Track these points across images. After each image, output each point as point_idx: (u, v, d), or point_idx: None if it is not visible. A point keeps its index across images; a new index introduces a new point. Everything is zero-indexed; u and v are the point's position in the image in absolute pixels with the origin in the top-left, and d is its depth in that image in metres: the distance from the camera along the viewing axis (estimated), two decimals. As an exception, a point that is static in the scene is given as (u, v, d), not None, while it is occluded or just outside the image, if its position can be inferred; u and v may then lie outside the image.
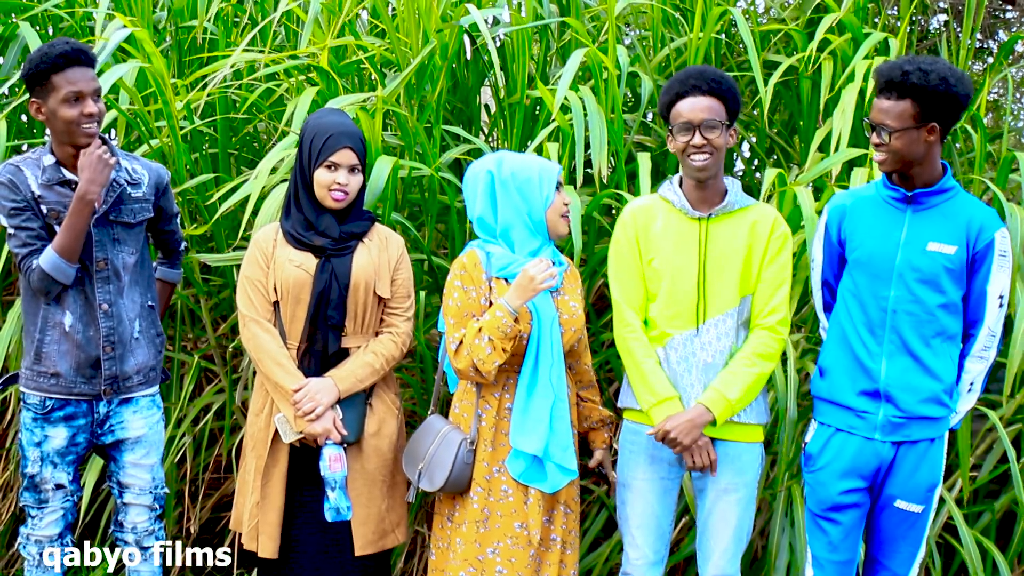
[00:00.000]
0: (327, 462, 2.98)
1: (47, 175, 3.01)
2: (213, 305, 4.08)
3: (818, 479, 2.95)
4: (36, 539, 3.17)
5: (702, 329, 2.92)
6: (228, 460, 4.03)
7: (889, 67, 2.80)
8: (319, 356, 3.09)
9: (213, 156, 4.10)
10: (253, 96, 3.88)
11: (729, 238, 2.93)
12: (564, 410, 2.98)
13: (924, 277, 2.82)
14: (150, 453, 3.21)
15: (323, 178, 3.06)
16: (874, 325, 2.86)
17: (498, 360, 2.90)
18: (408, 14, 3.78)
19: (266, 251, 3.10)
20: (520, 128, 3.88)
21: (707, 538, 3.01)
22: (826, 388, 2.96)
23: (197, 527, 4.08)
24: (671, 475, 3.02)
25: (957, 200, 2.86)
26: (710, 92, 2.88)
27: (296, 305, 3.07)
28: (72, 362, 3.06)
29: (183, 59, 4.33)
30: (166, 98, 3.61)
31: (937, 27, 5.24)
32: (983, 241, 2.82)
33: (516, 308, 2.89)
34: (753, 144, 4.58)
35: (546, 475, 2.96)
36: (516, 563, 2.96)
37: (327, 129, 3.07)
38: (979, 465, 3.90)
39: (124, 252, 3.12)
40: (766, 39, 4.40)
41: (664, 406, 2.90)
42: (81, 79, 2.96)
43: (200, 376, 4.17)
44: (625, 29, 4.92)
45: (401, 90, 3.77)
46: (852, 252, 2.91)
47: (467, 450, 3.00)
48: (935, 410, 2.85)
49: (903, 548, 2.93)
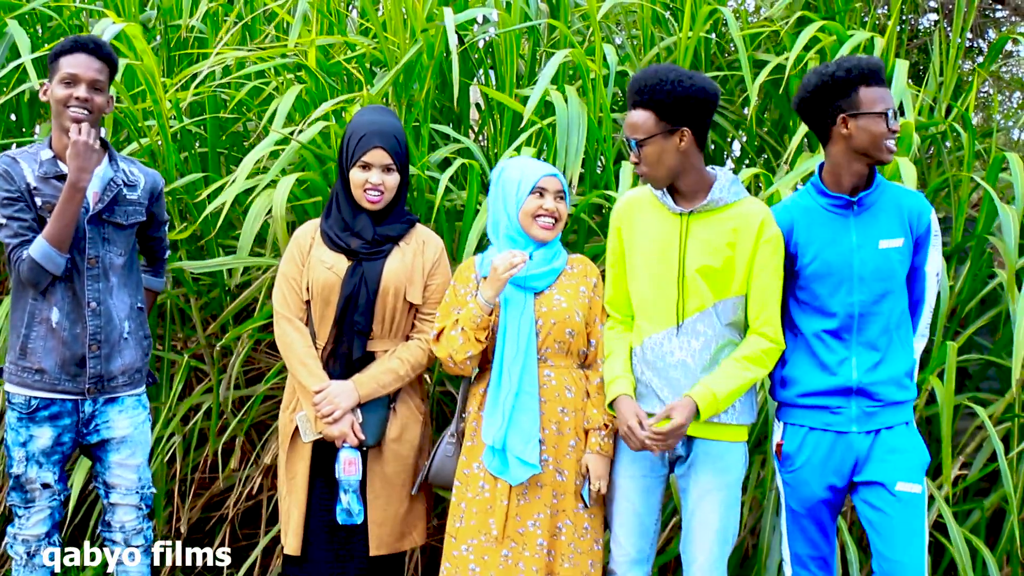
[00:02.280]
0: (342, 465, 3.01)
1: (44, 168, 3.03)
2: (203, 304, 4.07)
3: (798, 478, 2.94)
4: (23, 538, 3.16)
5: (683, 327, 2.90)
6: (217, 459, 4.02)
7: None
8: (344, 359, 3.09)
9: (203, 155, 4.10)
10: (240, 94, 3.88)
11: (711, 235, 2.88)
12: (530, 404, 2.98)
13: (883, 275, 2.84)
14: (136, 453, 3.20)
15: (357, 178, 3.08)
16: (841, 330, 2.86)
17: (471, 350, 2.96)
18: (395, 13, 3.78)
19: (303, 249, 3.13)
20: (509, 128, 3.88)
21: (691, 541, 2.97)
22: (792, 395, 2.94)
23: (187, 527, 4.08)
24: (654, 473, 3.00)
25: (887, 192, 2.89)
26: (636, 105, 2.83)
27: (325, 307, 3.09)
28: (57, 359, 3.05)
29: (172, 58, 4.33)
30: (156, 97, 3.60)
31: (928, 26, 5.25)
32: (923, 226, 2.87)
33: (488, 299, 2.94)
34: (744, 143, 4.59)
35: (508, 467, 2.96)
36: (488, 561, 2.95)
37: (361, 128, 3.09)
38: (969, 463, 3.89)
39: (113, 252, 3.12)
40: (756, 38, 4.40)
41: (611, 385, 2.92)
42: (81, 65, 3.00)
43: (190, 375, 4.17)
44: (615, 28, 4.93)
45: (389, 89, 3.77)
46: (807, 266, 2.89)
47: (447, 442, 3.08)
48: (901, 394, 2.88)
49: (912, 540, 2.87)
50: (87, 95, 3.00)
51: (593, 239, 3.97)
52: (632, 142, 2.83)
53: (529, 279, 3.02)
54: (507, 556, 2.96)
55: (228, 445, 4.06)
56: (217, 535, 4.05)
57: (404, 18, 3.77)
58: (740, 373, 2.87)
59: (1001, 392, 3.80)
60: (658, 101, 2.78)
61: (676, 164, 2.84)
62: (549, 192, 3.04)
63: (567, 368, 3.06)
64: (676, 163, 2.84)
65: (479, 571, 2.96)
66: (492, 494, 2.98)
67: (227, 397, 3.99)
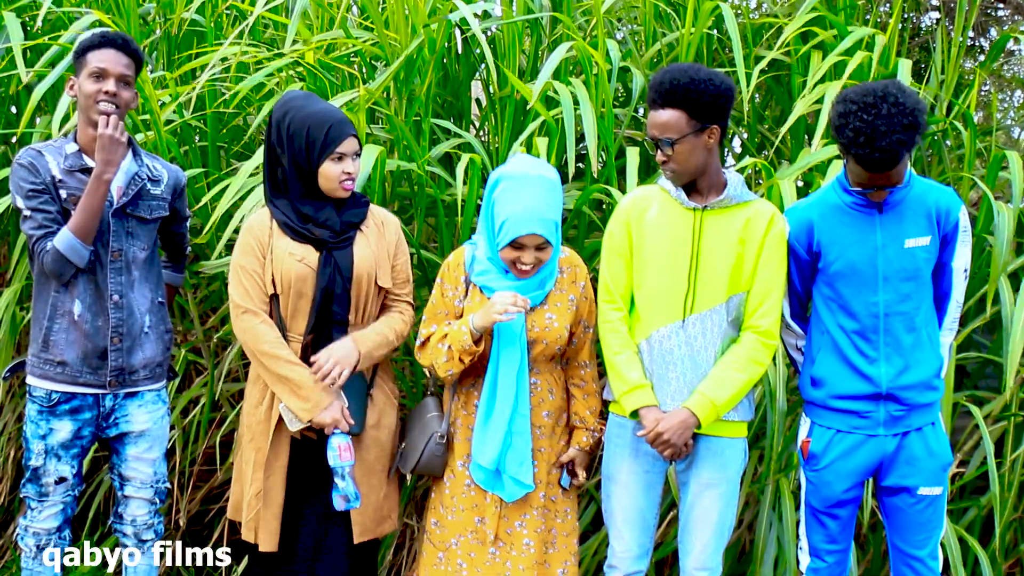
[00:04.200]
0: (336, 452, 2.96)
1: (69, 161, 3.05)
2: (202, 298, 4.07)
3: (822, 478, 2.95)
4: (34, 531, 3.17)
5: (688, 322, 2.91)
6: (215, 453, 4.03)
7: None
8: None
9: (202, 149, 4.10)
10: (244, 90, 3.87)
11: (723, 232, 2.91)
12: (524, 426, 2.99)
13: (908, 274, 2.84)
14: (153, 447, 3.22)
15: (332, 171, 2.99)
16: (867, 330, 2.86)
17: (452, 369, 2.97)
18: (396, 8, 3.78)
19: (262, 241, 3.03)
20: (511, 122, 3.88)
21: (689, 532, 3.01)
22: (822, 396, 2.95)
23: (186, 520, 4.09)
24: (655, 469, 3.02)
25: (916, 188, 2.87)
26: (666, 104, 2.83)
27: (299, 299, 3.02)
28: (79, 351, 3.06)
29: (171, 51, 4.33)
30: (146, 93, 3.60)
31: (929, 24, 5.24)
32: (951, 223, 2.86)
33: (479, 328, 2.91)
34: (744, 140, 4.58)
35: (503, 486, 2.99)
36: (475, 558, 3.00)
37: (323, 118, 3.00)
38: (967, 461, 3.90)
39: (136, 247, 3.13)
40: (758, 34, 4.40)
41: (635, 394, 2.91)
42: (110, 60, 3.02)
43: (189, 369, 4.17)
44: (617, 24, 4.92)
45: (390, 84, 3.77)
46: (830, 264, 2.89)
47: (436, 443, 3.06)
48: (930, 395, 2.90)
49: (932, 535, 2.94)
50: (116, 89, 3.02)
51: (594, 234, 3.96)
52: (665, 140, 2.83)
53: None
54: (495, 554, 3.01)
55: (227, 438, 4.06)
56: (216, 528, 4.06)
57: (405, 13, 3.77)
58: (737, 376, 2.89)
59: (999, 390, 3.80)
60: (691, 100, 2.80)
61: (703, 161, 2.87)
62: (529, 248, 2.89)
63: (550, 371, 3.10)
64: (703, 160, 2.87)
65: (466, 567, 3.00)
66: (480, 499, 3.02)
67: (226, 390, 3.99)
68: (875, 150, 2.63)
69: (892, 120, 2.62)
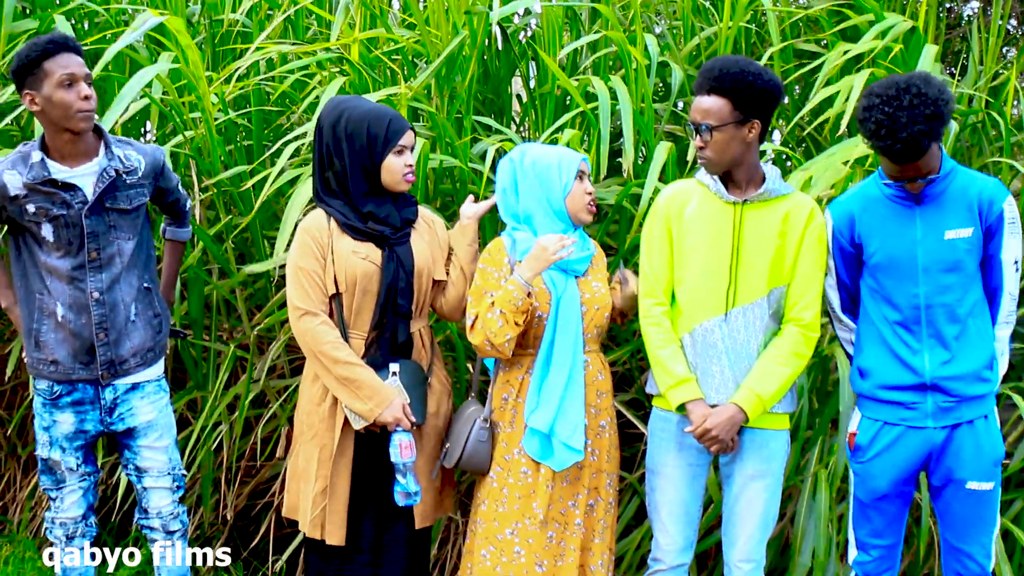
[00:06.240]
0: (398, 449, 2.98)
1: (33, 173, 3.00)
2: (248, 295, 4.13)
3: (868, 471, 2.95)
4: (61, 521, 3.23)
5: (730, 316, 2.93)
6: (262, 448, 4.08)
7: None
8: (388, 344, 3.08)
9: (247, 147, 4.15)
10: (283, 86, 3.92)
11: (763, 225, 2.92)
12: (578, 391, 3.01)
13: (948, 266, 2.82)
14: (163, 435, 3.24)
15: (395, 164, 3.03)
16: (909, 322, 2.86)
17: (510, 333, 2.94)
18: (437, 5, 3.81)
19: (321, 242, 3.03)
20: (551, 118, 3.90)
21: (734, 524, 3.03)
22: (869, 387, 2.94)
23: (233, 514, 4.14)
24: (699, 461, 3.04)
25: (959, 179, 2.85)
26: (712, 91, 2.85)
27: (363, 296, 3.04)
28: (69, 349, 3.10)
29: (216, 52, 4.38)
30: (200, 91, 3.65)
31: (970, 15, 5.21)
32: (994, 214, 2.82)
33: (528, 280, 2.93)
34: (784, 133, 4.58)
35: (553, 452, 2.99)
36: (533, 544, 3.00)
37: (381, 114, 3.04)
38: (1011, 453, 3.88)
39: (121, 238, 3.12)
40: (795, 27, 4.39)
41: (681, 388, 2.93)
42: (73, 63, 2.96)
43: (236, 365, 4.22)
44: (655, 18, 4.93)
45: (431, 81, 3.80)
46: (871, 256, 2.89)
47: (480, 427, 3.05)
48: (980, 387, 2.86)
49: (982, 530, 2.92)
50: (90, 92, 2.98)
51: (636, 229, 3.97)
52: (704, 125, 2.85)
53: (571, 263, 3.04)
54: (552, 537, 3.02)
55: (267, 436, 4.11)
56: (263, 522, 4.11)
57: (446, 10, 3.80)
58: (782, 370, 2.90)
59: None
60: (738, 91, 2.82)
61: (739, 154, 2.88)
62: (586, 175, 3.08)
63: (597, 352, 3.13)
64: (740, 153, 2.88)
65: (524, 553, 3.01)
66: (535, 479, 3.03)
67: (272, 387, 4.04)
68: (897, 141, 2.64)
69: (914, 111, 2.62)
